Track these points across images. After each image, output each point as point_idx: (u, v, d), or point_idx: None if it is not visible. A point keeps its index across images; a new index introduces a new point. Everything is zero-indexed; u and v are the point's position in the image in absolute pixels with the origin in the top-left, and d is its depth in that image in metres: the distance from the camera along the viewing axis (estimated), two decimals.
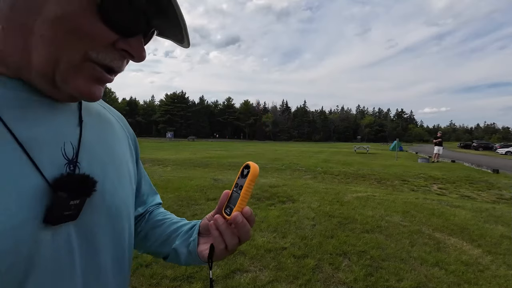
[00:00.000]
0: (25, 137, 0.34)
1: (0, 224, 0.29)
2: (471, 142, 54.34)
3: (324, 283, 2.30)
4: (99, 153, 0.44)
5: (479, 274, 2.50)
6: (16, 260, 0.30)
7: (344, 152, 23.92)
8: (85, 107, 0.45)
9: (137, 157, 0.59)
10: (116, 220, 0.45)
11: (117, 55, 0.38)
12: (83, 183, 0.37)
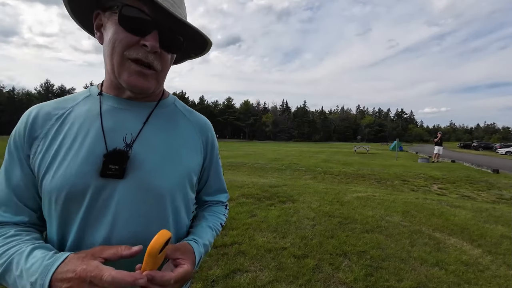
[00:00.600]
0: (107, 127, 0.58)
1: (79, 171, 0.54)
2: (471, 142, 54.34)
3: (324, 283, 2.30)
4: (153, 144, 0.60)
5: (479, 274, 2.50)
6: (80, 195, 0.53)
7: (344, 152, 23.91)
8: (157, 113, 0.64)
9: (209, 156, 0.72)
10: (152, 194, 0.58)
11: (141, 50, 0.54)
12: (119, 156, 0.56)
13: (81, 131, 0.57)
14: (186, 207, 0.66)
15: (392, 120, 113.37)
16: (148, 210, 0.57)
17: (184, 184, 0.63)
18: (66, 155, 0.55)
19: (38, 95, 77.88)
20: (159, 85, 0.62)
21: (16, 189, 0.56)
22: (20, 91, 77.98)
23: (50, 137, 0.56)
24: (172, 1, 0.54)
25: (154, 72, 0.57)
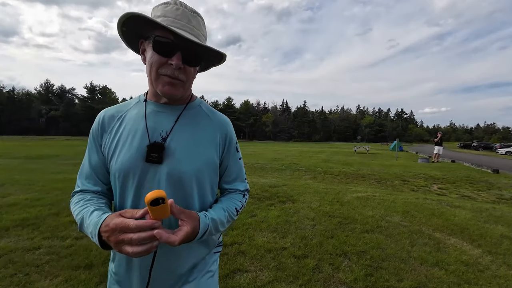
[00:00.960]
0: (149, 126, 0.77)
1: (131, 158, 0.74)
2: (471, 142, 54.27)
3: (324, 283, 2.30)
4: (182, 138, 0.78)
5: (479, 274, 2.50)
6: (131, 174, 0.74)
7: (344, 152, 23.90)
8: (185, 114, 0.82)
9: (227, 148, 0.86)
10: (180, 177, 0.75)
11: (169, 67, 0.71)
12: (157, 146, 0.75)
13: (133, 128, 0.78)
14: (208, 188, 0.82)
15: (392, 120, 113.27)
16: (178, 188, 0.75)
17: (204, 170, 0.79)
18: (123, 146, 0.77)
19: (38, 95, 77.87)
20: (186, 92, 0.79)
21: (95, 167, 0.80)
22: (20, 91, 77.98)
23: (113, 132, 0.79)
24: (191, 27, 0.73)
25: (180, 82, 0.74)
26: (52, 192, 4.93)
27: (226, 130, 0.86)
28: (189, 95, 0.85)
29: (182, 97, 0.81)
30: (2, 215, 3.58)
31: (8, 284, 2.09)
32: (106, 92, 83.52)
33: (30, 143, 26.36)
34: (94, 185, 0.80)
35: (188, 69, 0.74)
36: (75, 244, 2.81)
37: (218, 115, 0.88)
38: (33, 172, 7.30)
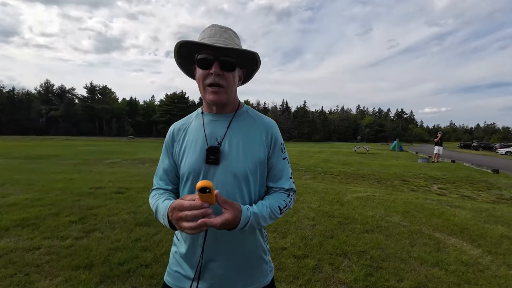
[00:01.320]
0: (207, 133, 0.90)
1: (195, 161, 0.88)
2: (471, 142, 54.26)
3: (324, 283, 2.30)
4: (233, 142, 0.89)
5: (479, 274, 2.50)
6: (196, 174, 0.87)
7: (344, 152, 23.90)
8: (234, 120, 0.93)
9: (272, 148, 0.94)
10: (234, 175, 0.86)
11: (211, 77, 0.84)
12: (214, 150, 0.88)
13: (195, 136, 0.93)
14: (258, 184, 0.92)
15: (392, 120, 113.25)
16: (231, 185, 0.87)
17: (254, 168, 0.89)
18: (188, 152, 0.92)
19: (38, 95, 77.88)
20: (229, 97, 0.89)
21: (166, 171, 0.98)
22: (20, 91, 77.97)
23: (181, 141, 0.95)
24: (223, 39, 0.84)
25: (222, 88, 0.85)
26: (52, 192, 4.93)
27: (271, 131, 0.95)
28: (236, 103, 0.97)
29: (228, 104, 0.93)
30: (2, 215, 3.58)
31: (8, 284, 2.09)
32: (106, 92, 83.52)
33: (30, 143, 26.36)
34: (166, 185, 0.98)
35: (226, 75, 0.85)
36: (75, 244, 2.81)
37: (264, 118, 0.98)
38: (33, 172, 7.30)
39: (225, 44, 0.82)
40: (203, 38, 0.85)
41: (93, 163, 10.72)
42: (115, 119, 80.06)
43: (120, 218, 3.64)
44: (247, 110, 0.98)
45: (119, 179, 6.47)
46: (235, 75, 0.88)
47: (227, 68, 0.84)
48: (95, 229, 3.23)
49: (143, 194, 4.98)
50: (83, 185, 5.63)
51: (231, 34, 0.88)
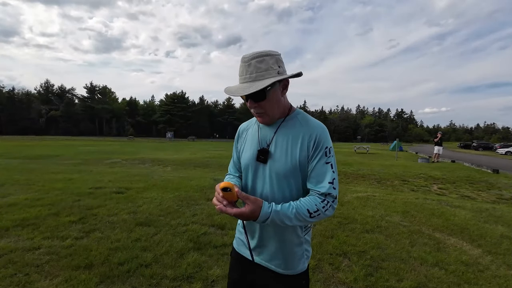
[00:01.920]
0: (260, 136, 1.08)
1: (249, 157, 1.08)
2: (471, 142, 54.23)
3: (324, 283, 2.29)
4: (279, 145, 1.02)
5: (479, 274, 2.50)
6: (249, 167, 1.08)
7: (344, 152, 23.90)
8: (283, 126, 1.05)
9: (313, 151, 0.98)
10: (277, 174, 1.00)
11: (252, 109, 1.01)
12: (264, 151, 1.03)
13: (252, 137, 1.12)
14: (298, 183, 1.01)
15: (392, 120, 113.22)
16: (274, 181, 1.01)
17: (293, 169, 0.99)
18: (246, 149, 1.13)
19: (38, 95, 77.85)
20: (272, 115, 1.02)
21: (235, 162, 1.23)
22: (20, 91, 77.97)
23: (243, 139, 1.17)
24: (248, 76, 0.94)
25: (262, 113, 1.00)
26: (52, 192, 4.93)
27: (315, 134, 1.00)
28: (285, 110, 1.06)
29: (273, 119, 1.05)
30: (2, 215, 3.58)
31: (8, 284, 2.09)
32: (106, 92, 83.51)
33: (30, 143, 26.36)
34: (235, 172, 1.22)
35: (260, 103, 0.97)
36: (75, 244, 2.81)
37: (312, 122, 1.04)
38: (33, 172, 7.30)
39: (251, 81, 0.93)
40: (239, 76, 0.98)
41: (93, 163, 10.72)
42: (115, 119, 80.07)
43: (120, 218, 3.64)
44: (297, 115, 1.06)
45: (119, 179, 6.47)
46: (272, 97, 0.98)
47: (258, 100, 0.96)
48: (95, 229, 3.23)
49: (143, 194, 4.98)
50: (83, 185, 5.63)
51: (255, 64, 0.93)
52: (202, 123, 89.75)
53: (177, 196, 4.90)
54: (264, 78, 0.92)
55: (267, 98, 0.96)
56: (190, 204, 4.45)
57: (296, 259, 1.05)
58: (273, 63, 0.94)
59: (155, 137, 76.09)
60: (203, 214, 3.93)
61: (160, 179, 6.58)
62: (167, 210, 4.06)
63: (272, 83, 0.92)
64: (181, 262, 2.51)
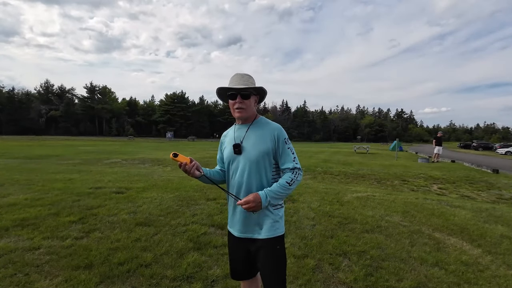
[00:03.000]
0: (236, 136, 1.49)
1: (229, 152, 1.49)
2: (471, 142, 54.24)
3: (324, 283, 2.30)
4: (250, 139, 1.43)
5: (479, 274, 2.50)
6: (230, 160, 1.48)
7: (344, 152, 23.90)
8: (252, 127, 1.46)
9: (277, 143, 1.41)
10: (250, 161, 1.40)
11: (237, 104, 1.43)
12: (237, 145, 1.44)
13: (229, 138, 1.51)
14: (268, 167, 1.42)
15: (392, 120, 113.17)
16: (249, 167, 1.39)
17: (262, 157, 1.39)
18: (226, 148, 1.51)
19: (38, 95, 77.80)
20: (249, 114, 1.45)
21: (219, 160, 1.62)
22: (20, 91, 77.86)
23: (224, 142, 1.56)
24: (242, 82, 1.42)
25: (243, 109, 1.42)
26: (52, 192, 4.93)
27: (275, 132, 1.41)
28: (253, 116, 1.49)
29: (248, 118, 1.46)
30: (2, 215, 3.57)
31: (8, 284, 2.09)
32: (106, 92, 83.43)
33: (30, 143, 26.35)
34: (220, 167, 1.61)
35: (245, 101, 1.41)
36: (75, 244, 2.81)
37: (272, 123, 1.46)
38: (33, 172, 7.30)
39: (243, 84, 1.41)
40: (231, 83, 1.43)
41: (93, 163, 10.72)
42: (115, 119, 79.99)
43: (120, 218, 3.64)
44: (261, 120, 1.49)
45: (119, 179, 6.47)
46: (250, 100, 1.44)
47: (245, 98, 1.41)
48: (95, 229, 3.23)
49: (143, 194, 4.98)
50: (83, 185, 5.62)
51: (247, 77, 1.46)
52: (202, 123, 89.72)
53: (177, 196, 4.90)
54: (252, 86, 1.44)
55: (250, 99, 1.43)
56: (190, 204, 4.45)
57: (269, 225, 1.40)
58: (254, 82, 1.48)
59: (155, 137, 76.05)
60: (203, 214, 3.93)
61: (160, 179, 6.58)
62: (167, 210, 4.06)
63: (251, 92, 1.42)
64: (181, 262, 2.51)
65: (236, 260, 1.53)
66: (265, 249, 1.39)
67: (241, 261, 1.51)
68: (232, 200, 1.46)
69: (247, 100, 1.41)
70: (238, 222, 1.45)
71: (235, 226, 1.47)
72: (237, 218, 1.45)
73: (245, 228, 1.43)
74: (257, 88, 1.45)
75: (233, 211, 1.48)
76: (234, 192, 1.44)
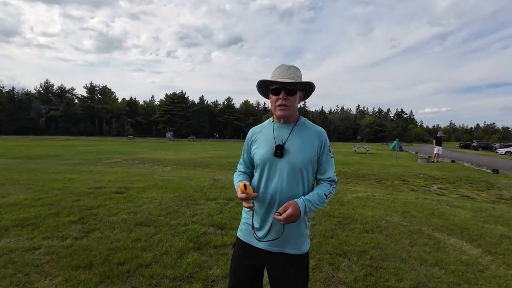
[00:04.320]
0: (275, 135, 1.29)
1: (266, 153, 1.27)
2: (471, 142, 54.25)
3: (324, 283, 2.30)
4: (294, 143, 1.24)
5: (479, 274, 2.50)
6: (266, 162, 1.26)
7: (344, 152, 23.90)
8: (295, 128, 1.28)
9: (322, 150, 1.27)
10: (293, 166, 1.21)
11: (280, 100, 1.23)
12: (280, 146, 1.24)
13: (266, 137, 1.31)
14: (310, 174, 1.27)
15: (392, 120, 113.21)
16: (291, 174, 1.22)
17: (307, 164, 1.24)
18: (260, 147, 1.30)
19: (37, 95, 77.80)
20: (292, 113, 1.27)
21: (245, 160, 1.41)
22: (20, 91, 77.87)
23: (256, 140, 1.35)
24: (287, 74, 1.23)
25: (287, 107, 1.23)
26: (52, 192, 4.93)
27: (322, 137, 1.28)
28: (296, 116, 1.32)
29: (291, 117, 1.29)
30: (2, 215, 3.57)
31: (8, 284, 2.09)
32: (106, 92, 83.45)
33: (30, 143, 26.35)
34: (243, 168, 1.42)
35: (290, 98, 1.23)
36: (75, 244, 2.81)
37: (317, 127, 1.32)
38: (33, 172, 7.30)
39: (290, 78, 1.22)
40: (275, 75, 1.26)
41: (92, 163, 10.71)
42: (115, 119, 80.00)
43: (120, 218, 3.64)
44: (305, 122, 1.33)
45: (119, 179, 6.47)
46: (296, 97, 1.25)
47: (290, 94, 1.22)
48: (95, 229, 3.23)
49: (143, 194, 4.98)
50: (82, 185, 5.62)
51: (294, 70, 1.26)
52: (202, 123, 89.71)
53: (177, 196, 4.90)
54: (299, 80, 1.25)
55: (295, 96, 1.25)
56: (190, 204, 4.45)
57: (302, 239, 1.28)
58: (301, 75, 1.28)
59: (155, 137, 76.08)
60: (203, 214, 3.93)
61: (160, 179, 6.58)
62: (167, 210, 4.06)
63: (297, 87, 1.24)
64: (181, 262, 2.51)
65: (243, 276, 1.30)
66: (297, 264, 1.25)
67: (250, 278, 1.30)
68: (257, 206, 1.27)
69: (292, 96, 1.22)
70: (266, 231, 1.24)
71: (259, 235, 1.26)
72: (266, 226, 1.24)
73: (279, 242, 1.23)
74: (305, 83, 1.24)
75: (260, 217, 1.27)
76: (267, 199, 1.24)
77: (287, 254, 1.24)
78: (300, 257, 1.25)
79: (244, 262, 1.30)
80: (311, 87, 1.28)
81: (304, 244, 1.27)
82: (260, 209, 1.26)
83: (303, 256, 1.26)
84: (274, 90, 1.23)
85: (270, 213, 1.24)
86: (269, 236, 1.24)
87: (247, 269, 1.30)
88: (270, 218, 1.23)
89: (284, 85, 1.20)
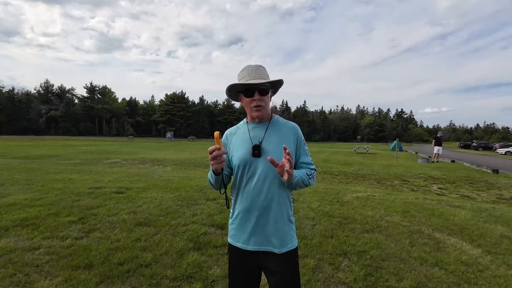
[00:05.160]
0: (251, 136, 1.30)
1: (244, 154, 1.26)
2: (471, 142, 54.24)
3: (324, 283, 2.30)
4: (271, 140, 1.26)
5: (479, 274, 2.50)
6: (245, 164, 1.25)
7: (344, 152, 23.90)
8: (270, 126, 1.31)
9: (298, 144, 1.32)
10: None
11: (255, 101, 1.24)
12: (257, 146, 1.25)
13: (242, 138, 1.31)
14: None
15: (392, 120, 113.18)
16: (272, 173, 1.21)
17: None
18: (237, 149, 1.29)
19: (37, 95, 77.78)
20: (268, 112, 1.31)
21: (226, 161, 1.32)
22: (20, 91, 77.81)
23: (232, 142, 1.34)
24: (257, 75, 1.24)
25: (263, 107, 1.25)
26: (52, 192, 4.92)
27: (297, 132, 1.33)
28: (270, 114, 1.34)
29: (266, 116, 1.31)
30: (2, 215, 3.57)
31: (8, 284, 2.09)
32: (106, 92, 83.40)
33: (30, 143, 26.35)
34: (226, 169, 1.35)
35: (264, 97, 1.25)
36: (75, 244, 2.81)
37: (290, 123, 1.36)
38: (33, 172, 7.29)
39: (260, 78, 1.24)
40: (244, 77, 1.26)
41: (92, 163, 10.71)
42: (115, 119, 79.98)
43: (120, 218, 3.64)
44: (278, 119, 1.37)
45: (119, 179, 6.46)
46: (268, 96, 1.28)
47: (263, 94, 1.24)
48: (95, 229, 3.23)
49: (143, 194, 4.98)
50: (82, 185, 5.62)
51: (262, 70, 1.29)
52: (202, 123, 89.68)
53: (177, 196, 4.90)
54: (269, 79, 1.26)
55: (268, 95, 1.27)
56: (190, 204, 4.44)
57: (288, 236, 1.27)
58: (268, 74, 1.30)
59: (155, 137, 76.06)
60: (203, 214, 3.93)
61: (160, 179, 6.58)
62: (167, 210, 4.06)
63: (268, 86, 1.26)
64: (181, 262, 2.51)
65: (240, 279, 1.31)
66: (287, 263, 1.24)
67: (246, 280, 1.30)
68: (240, 208, 1.27)
69: (265, 96, 1.24)
70: (251, 232, 1.24)
71: (245, 237, 1.26)
72: (251, 227, 1.24)
73: (261, 239, 1.23)
74: (276, 81, 1.27)
75: (244, 220, 1.26)
76: (249, 200, 1.24)
77: (275, 253, 1.24)
78: (289, 253, 1.26)
79: (238, 265, 1.31)
80: (280, 84, 1.31)
81: (292, 241, 1.28)
82: (242, 210, 1.26)
83: (292, 252, 1.27)
84: (247, 92, 1.23)
85: (252, 214, 1.24)
86: (254, 237, 1.24)
87: (242, 272, 1.30)
88: (253, 219, 1.23)
89: (257, 86, 1.21)
